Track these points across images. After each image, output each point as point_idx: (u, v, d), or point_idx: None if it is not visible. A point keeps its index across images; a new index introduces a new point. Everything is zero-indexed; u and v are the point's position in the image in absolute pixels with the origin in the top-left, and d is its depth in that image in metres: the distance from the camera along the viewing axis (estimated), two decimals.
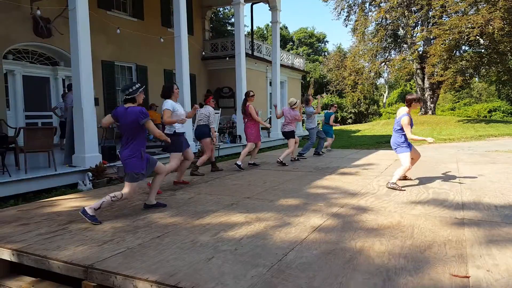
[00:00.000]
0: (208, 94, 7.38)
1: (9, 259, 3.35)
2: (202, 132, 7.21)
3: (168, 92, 5.72)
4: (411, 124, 5.60)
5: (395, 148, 5.80)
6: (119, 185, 6.75)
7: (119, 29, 12.93)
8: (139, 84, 4.48)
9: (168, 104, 5.59)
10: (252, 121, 7.99)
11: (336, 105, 11.52)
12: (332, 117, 10.73)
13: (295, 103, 8.58)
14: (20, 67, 11.23)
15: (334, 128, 11.32)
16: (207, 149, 7.24)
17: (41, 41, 11.44)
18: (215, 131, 7.38)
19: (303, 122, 10.88)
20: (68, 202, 5.21)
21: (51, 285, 3.18)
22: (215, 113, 12.38)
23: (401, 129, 5.64)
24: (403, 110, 5.70)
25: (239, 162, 7.77)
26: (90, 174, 7.10)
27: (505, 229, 3.64)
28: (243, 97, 8.27)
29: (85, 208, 4.11)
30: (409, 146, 5.75)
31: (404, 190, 5.50)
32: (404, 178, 6.22)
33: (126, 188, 4.33)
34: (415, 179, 6.36)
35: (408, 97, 5.72)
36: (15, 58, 11.14)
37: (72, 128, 7.62)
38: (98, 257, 3.06)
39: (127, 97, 4.37)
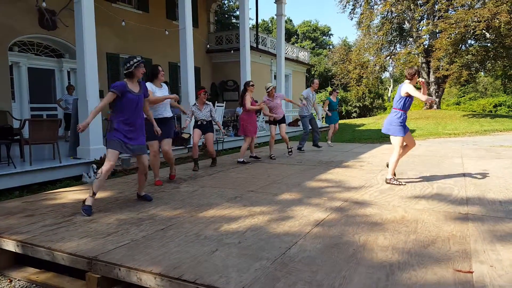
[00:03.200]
0: (200, 87, 7.29)
1: (14, 250, 3.38)
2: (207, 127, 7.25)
3: (152, 75, 5.53)
4: (411, 99, 5.27)
5: (388, 128, 5.39)
6: (123, 177, 6.78)
7: (124, 21, 12.90)
8: (137, 58, 4.46)
9: (149, 85, 5.39)
10: (247, 114, 7.86)
11: (337, 91, 11.07)
12: (326, 102, 10.33)
13: (268, 88, 8.40)
14: (25, 59, 11.26)
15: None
16: (210, 144, 7.28)
17: (46, 33, 11.42)
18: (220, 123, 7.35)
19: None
20: (72, 194, 5.24)
21: (55, 277, 3.20)
22: (218, 106, 12.40)
23: (402, 106, 5.29)
24: (405, 82, 5.34)
25: (240, 159, 7.78)
26: (94, 166, 7.13)
27: (509, 225, 3.62)
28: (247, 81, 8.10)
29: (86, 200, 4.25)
30: (405, 128, 5.35)
31: (405, 184, 5.48)
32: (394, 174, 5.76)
33: (104, 163, 4.35)
34: (414, 172, 6.34)
35: (409, 71, 5.32)
36: (20, 50, 11.16)
37: (77, 120, 7.65)
38: (102, 249, 3.08)
39: (125, 72, 4.43)
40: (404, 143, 5.59)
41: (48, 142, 7.00)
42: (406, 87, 5.23)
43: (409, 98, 5.31)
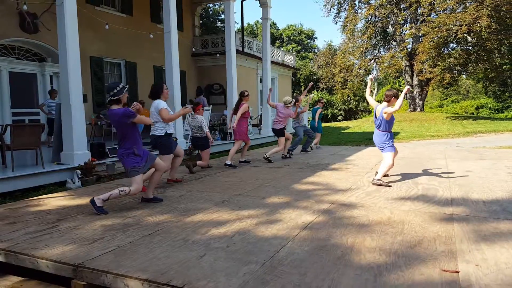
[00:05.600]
0: (197, 103, 7.34)
1: None
2: (201, 144, 7.27)
3: (157, 91, 5.56)
4: (392, 118, 5.73)
5: (381, 148, 5.88)
6: (108, 182, 6.69)
7: (107, 24, 12.78)
8: (122, 84, 4.52)
9: (163, 103, 5.53)
10: (243, 119, 7.94)
11: (323, 101, 11.55)
12: (318, 112, 10.67)
13: (290, 102, 8.61)
14: (6, 63, 11.04)
15: (322, 125, 11.25)
16: (206, 158, 7.35)
17: (28, 36, 11.24)
18: (209, 133, 7.39)
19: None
20: (56, 201, 5.15)
21: (40, 285, 3.14)
22: (205, 109, 12.36)
23: (385, 129, 5.75)
24: (383, 104, 5.75)
25: (228, 162, 7.76)
26: (78, 171, 7.02)
27: (493, 224, 3.69)
28: (235, 95, 8.28)
29: (94, 198, 4.36)
30: (393, 145, 5.88)
31: (390, 186, 5.56)
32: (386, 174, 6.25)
33: (133, 184, 4.47)
34: (399, 173, 6.42)
35: (388, 93, 5.73)
36: (1, 54, 10.93)
37: (60, 125, 7.53)
38: (88, 256, 3.03)
39: (112, 98, 4.41)
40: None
41: (30, 147, 6.88)
42: (387, 110, 5.61)
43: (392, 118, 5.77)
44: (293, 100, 8.84)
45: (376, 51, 28.89)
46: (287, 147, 9.14)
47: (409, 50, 25.59)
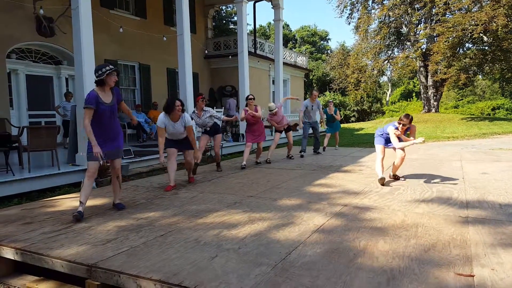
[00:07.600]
0: (199, 94, 7.40)
1: (13, 258, 3.36)
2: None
3: (167, 108, 5.65)
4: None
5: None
6: (122, 183, 6.74)
7: (121, 28, 12.93)
8: (109, 66, 4.36)
9: (160, 120, 5.72)
10: (248, 121, 8.23)
11: (331, 101, 11.65)
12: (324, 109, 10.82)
13: (273, 109, 8.69)
14: (23, 66, 11.25)
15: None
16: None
17: (44, 40, 11.44)
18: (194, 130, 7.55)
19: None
20: (71, 201, 5.22)
21: (55, 284, 3.19)
22: (217, 111, 12.43)
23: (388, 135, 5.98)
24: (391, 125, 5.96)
25: (243, 163, 7.96)
26: None
27: (509, 228, 3.62)
28: (246, 96, 8.44)
29: (77, 212, 4.25)
30: (382, 139, 6.09)
31: (383, 187, 5.61)
32: (396, 178, 6.31)
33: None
34: (413, 175, 6.34)
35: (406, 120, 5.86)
36: (18, 57, 11.15)
37: (75, 127, 7.64)
38: (101, 256, 3.07)
39: (96, 80, 4.34)
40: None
41: (46, 149, 6.99)
42: (389, 130, 5.93)
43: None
44: (275, 105, 8.86)
45: (390, 52, 28.58)
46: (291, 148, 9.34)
47: (424, 50, 25.27)
